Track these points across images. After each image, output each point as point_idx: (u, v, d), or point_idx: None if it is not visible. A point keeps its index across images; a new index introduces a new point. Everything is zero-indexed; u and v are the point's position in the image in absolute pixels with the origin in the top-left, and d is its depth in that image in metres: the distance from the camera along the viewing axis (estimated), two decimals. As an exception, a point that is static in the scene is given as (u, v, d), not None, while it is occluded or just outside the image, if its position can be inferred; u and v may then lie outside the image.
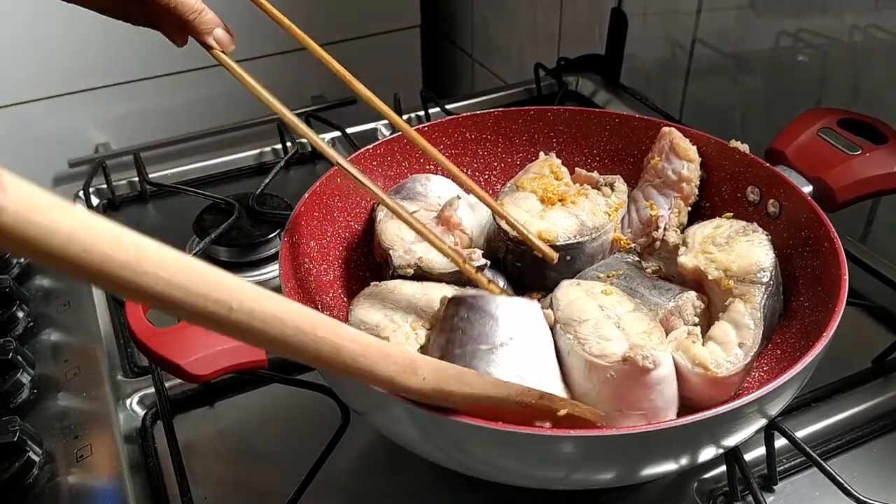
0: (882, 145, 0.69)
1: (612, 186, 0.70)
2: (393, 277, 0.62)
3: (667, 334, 0.58)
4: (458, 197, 0.68)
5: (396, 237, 0.64)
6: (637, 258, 0.68)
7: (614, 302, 0.58)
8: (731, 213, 0.67)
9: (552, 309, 0.57)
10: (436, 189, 0.71)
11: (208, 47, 0.60)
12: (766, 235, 0.62)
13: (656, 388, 0.52)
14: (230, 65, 0.60)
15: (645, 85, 1.14)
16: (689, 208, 0.71)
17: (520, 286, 0.67)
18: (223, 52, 0.61)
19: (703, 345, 0.57)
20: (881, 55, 0.81)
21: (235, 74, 0.60)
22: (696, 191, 0.71)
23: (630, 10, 1.13)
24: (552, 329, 0.57)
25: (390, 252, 0.62)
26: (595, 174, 0.72)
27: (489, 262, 0.64)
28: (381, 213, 0.66)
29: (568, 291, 0.59)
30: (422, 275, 0.62)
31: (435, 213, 0.67)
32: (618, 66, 1.16)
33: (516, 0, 1.46)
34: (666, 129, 0.72)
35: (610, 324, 0.55)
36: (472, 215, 0.69)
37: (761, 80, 0.97)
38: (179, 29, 0.59)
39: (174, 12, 0.57)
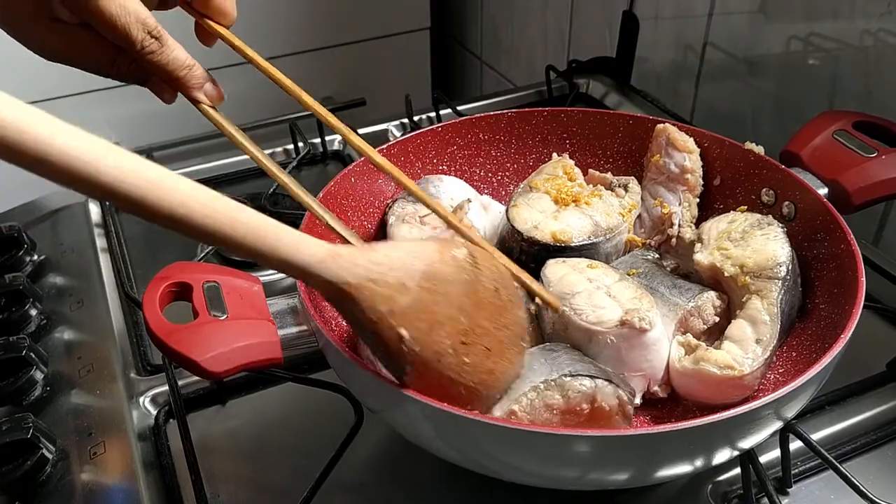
0: (898, 148, 0.69)
1: (625, 188, 0.70)
2: None
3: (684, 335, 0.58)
4: (469, 200, 0.68)
5: None
6: (657, 255, 0.68)
7: (600, 274, 0.60)
8: (746, 207, 0.67)
9: (543, 286, 0.59)
10: (448, 190, 0.71)
11: (195, 101, 0.59)
12: (782, 227, 0.63)
13: (652, 348, 0.56)
14: (217, 119, 0.59)
15: (655, 88, 1.14)
16: (698, 199, 0.71)
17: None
18: (211, 106, 0.60)
19: (717, 347, 0.57)
20: (893, 59, 0.80)
21: (222, 129, 0.59)
22: (701, 181, 0.71)
23: (641, 13, 1.13)
24: (540, 309, 0.59)
25: None
26: (609, 175, 0.72)
27: None
28: (392, 218, 0.67)
29: (556, 269, 0.61)
30: None
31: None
32: (629, 69, 1.16)
33: (526, 3, 1.46)
34: (660, 125, 0.72)
35: (601, 293, 0.57)
36: (486, 216, 0.69)
37: (773, 83, 0.97)
38: (167, 84, 0.59)
39: (165, 69, 0.57)
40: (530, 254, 0.65)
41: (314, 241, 0.44)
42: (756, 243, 0.61)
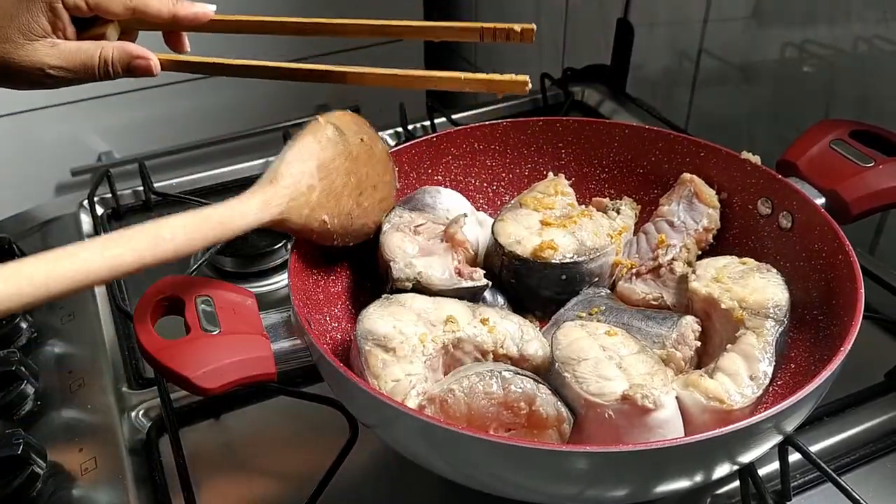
0: (895, 157, 0.68)
1: (618, 210, 0.70)
2: (392, 291, 0.61)
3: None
4: (465, 214, 0.67)
5: (399, 249, 0.63)
6: (609, 292, 0.66)
7: (617, 343, 0.55)
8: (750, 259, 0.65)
9: (552, 349, 0.56)
10: (445, 202, 0.70)
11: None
12: (781, 276, 0.61)
13: (657, 431, 0.50)
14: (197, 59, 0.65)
15: (651, 95, 1.14)
16: (700, 252, 0.69)
17: (516, 304, 0.66)
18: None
19: (711, 376, 0.55)
20: (889, 66, 0.80)
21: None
22: (712, 239, 0.69)
23: (636, 21, 1.13)
24: (549, 370, 0.56)
25: (391, 264, 0.62)
26: (606, 200, 0.71)
27: (490, 283, 0.63)
28: (387, 225, 0.66)
29: (569, 332, 0.57)
30: (420, 289, 0.61)
31: (442, 226, 0.67)
32: (624, 77, 1.15)
33: (520, 10, 1.46)
34: (687, 175, 0.70)
35: (611, 364, 0.53)
36: (481, 231, 0.68)
37: (768, 90, 0.97)
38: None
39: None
40: (511, 268, 0.65)
41: (245, 204, 0.54)
42: (756, 283, 0.60)
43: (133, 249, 0.46)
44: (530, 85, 0.60)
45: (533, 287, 0.65)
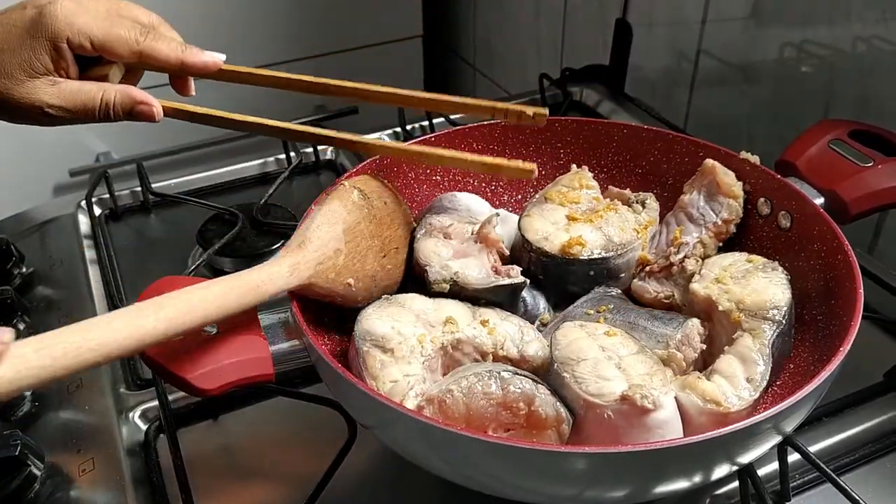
0: (894, 157, 0.68)
1: (643, 203, 0.69)
2: (430, 294, 0.61)
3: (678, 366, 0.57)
4: (497, 213, 0.67)
5: (434, 254, 0.63)
6: (620, 291, 0.66)
7: (616, 343, 0.55)
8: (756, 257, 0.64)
9: (551, 349, 0.56)
10: (465, 202, 0.70)
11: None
12: (786, 275, 0.60)
13: (657, 431, 0.50)
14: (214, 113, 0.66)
15: (649, 95, 1.14)
16: (721, 244, 0.68)
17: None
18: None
19: (708, 378, 0.55)
20: (888, 66, 0.80)
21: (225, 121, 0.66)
22: (734, 229, 0.68)
23: (635, 21, 1.13)
24: (548, 371, 0.55)
25: (427, 268, 0.62)
26: (627, 191, 0.71)
27: (528, 281, 0.63)
28: (420, 233, 0.66)
29: (568, 332, 0.56)
30: (458, 291, 0.61)
31: (468, 223, 0.66)
32: (622, 77, 1.15)
33: (519, 10, 1.46)
34: (709, 163, 0.68)
35: (610, 364, 0.53)
36: (505, 229, 0.68)
37: (767, 90, 0.97)
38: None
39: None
40: (539, 264, 0.64)
41: (275, 269, 0.54)
42: (757, 283, 0.59)
43: (166, 318, 0.46)
44: (536, 173, 0.60)
45: (560, 283, 0.65)
